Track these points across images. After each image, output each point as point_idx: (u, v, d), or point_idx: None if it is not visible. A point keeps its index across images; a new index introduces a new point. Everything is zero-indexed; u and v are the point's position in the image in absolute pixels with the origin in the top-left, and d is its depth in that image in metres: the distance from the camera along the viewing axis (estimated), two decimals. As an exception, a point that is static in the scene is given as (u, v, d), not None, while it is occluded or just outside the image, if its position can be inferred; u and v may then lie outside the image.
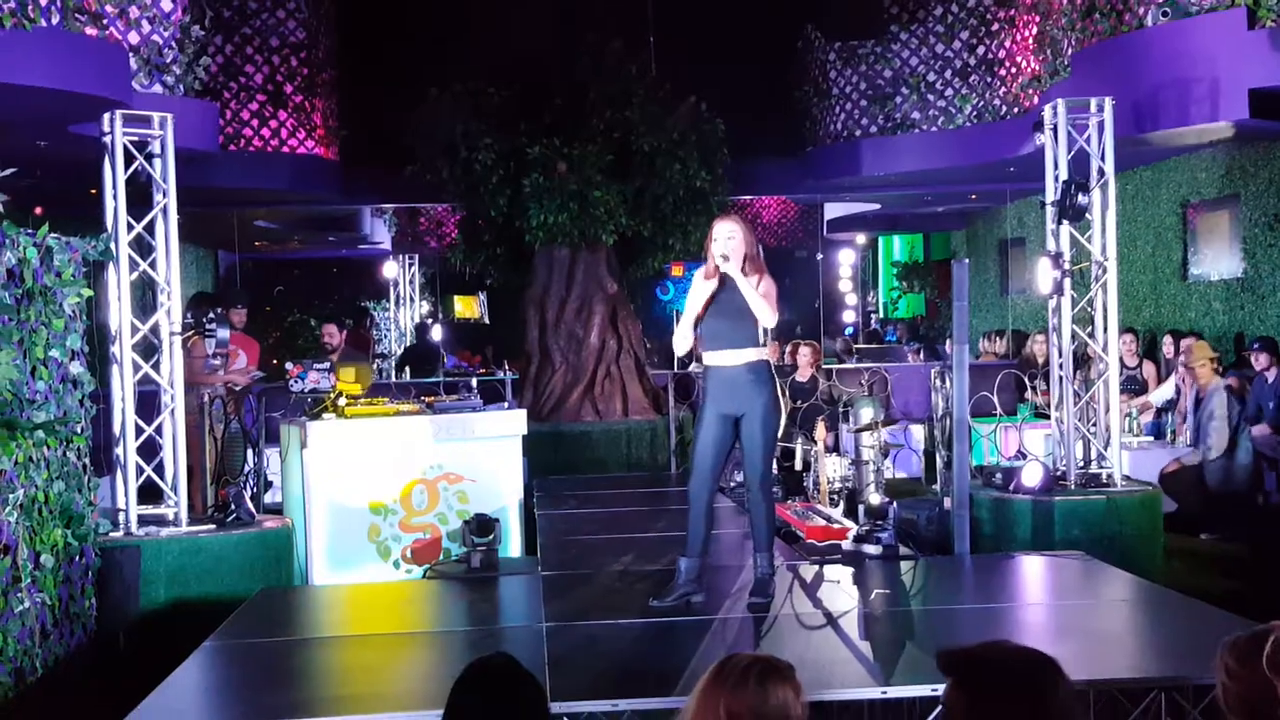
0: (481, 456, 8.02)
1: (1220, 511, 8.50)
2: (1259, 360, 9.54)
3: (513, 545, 7.96)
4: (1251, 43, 9.05)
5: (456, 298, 21.25)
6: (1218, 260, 12.24)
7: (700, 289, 5.64)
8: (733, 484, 9.51)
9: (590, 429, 12.24)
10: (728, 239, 5.55)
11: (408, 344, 19.77)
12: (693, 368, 14.29)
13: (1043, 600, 6.16)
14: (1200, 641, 4.60)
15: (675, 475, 11.17)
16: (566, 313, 12.68)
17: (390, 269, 21.01)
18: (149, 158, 7.15)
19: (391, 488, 7.78)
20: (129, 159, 7.05)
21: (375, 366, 16.04)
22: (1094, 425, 8.18)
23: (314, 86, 13.61)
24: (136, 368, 7.03)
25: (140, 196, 7.15)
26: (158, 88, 10.50)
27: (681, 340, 5.72)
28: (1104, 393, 8.13)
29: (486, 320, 21.04)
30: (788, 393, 11.43)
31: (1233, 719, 2.58)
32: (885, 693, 4.32)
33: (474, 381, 9.38)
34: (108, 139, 7.03)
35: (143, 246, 7.18)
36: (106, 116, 7.08)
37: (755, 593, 5.63)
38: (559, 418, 12.35)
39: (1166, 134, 10.07)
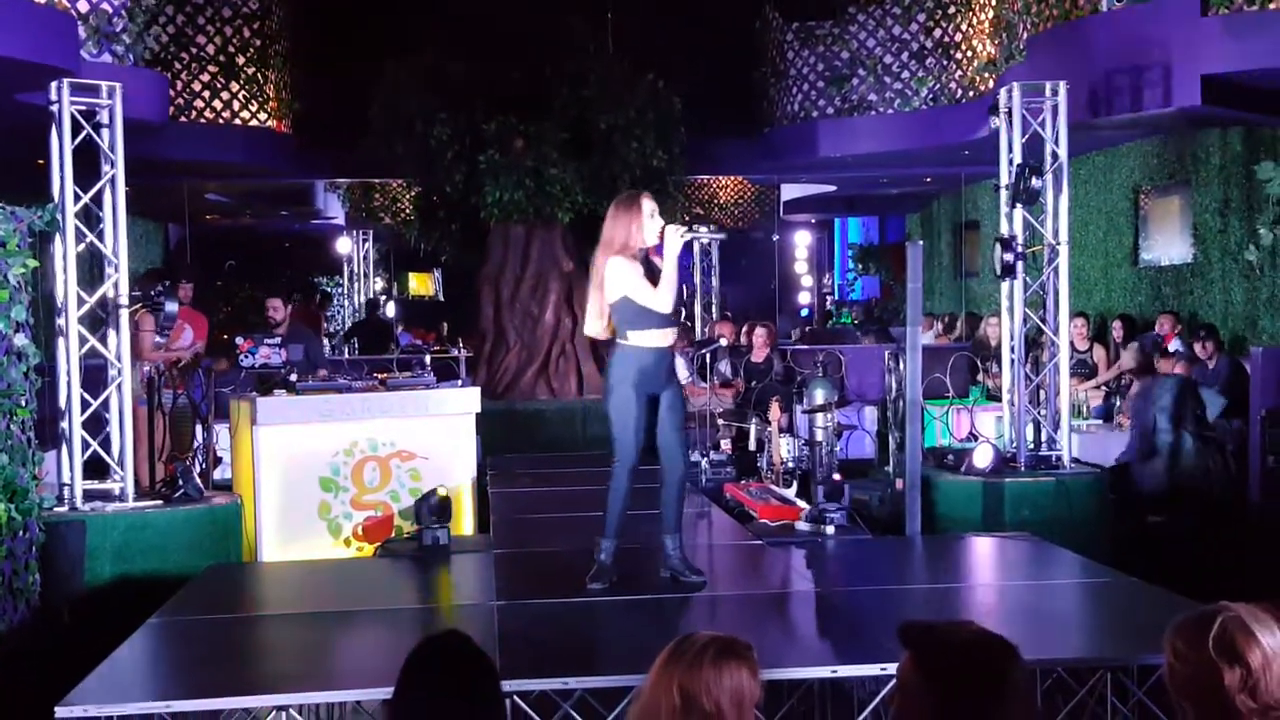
0: (435, 434, 7.98)
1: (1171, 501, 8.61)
2: (1204, 349, 9.65)
3: (465, 523, 7.93)
4: (1205, 29, 9.12)
5: (411, 274, 21.13)
6: (1168, 246, 12.37)
7: (669, 251, 5.39)
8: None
9: (545, 407, 12.22)
10: (651, 215, 5.43)
11: (357, 319, 19.61)
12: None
13: (992, 581, 6.21)
14: (1146, 623, 4.65)
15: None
16: (522, 291, 12.64)
17: (344, 244, 20.81)
18: (97, 128, 7.02)
19: (343, 464, 7.73)
20: (76, 129, 6.92)
21: (326, 344, 15.93)
22: (1044, 408, 8.25)
23: (267, 58, 13.43)
24: (83, 341, 6.92)
25: (88, 167, 7.03)
26: (107, 57, 10.35)
27: (670, 302, 5.44)
28: (1054, 376, 8.20)
29: (441, 297, 20.93)
30: (742, 373, 11.46)
31: (1179, 700, 2.60)
32: (835, 672, 4.33)
33: (428, 358, 9.32)
34: (55, 108, 6.90)
35: (90, 218, 7.07)
36: (54, 85, 6.95)
37: (689, 573, 5.55)
38: (513, 396, 12.32)
39: (1119, 119, 10.14)
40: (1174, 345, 10.29)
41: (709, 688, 2.42)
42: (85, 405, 6.90)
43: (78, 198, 6.93)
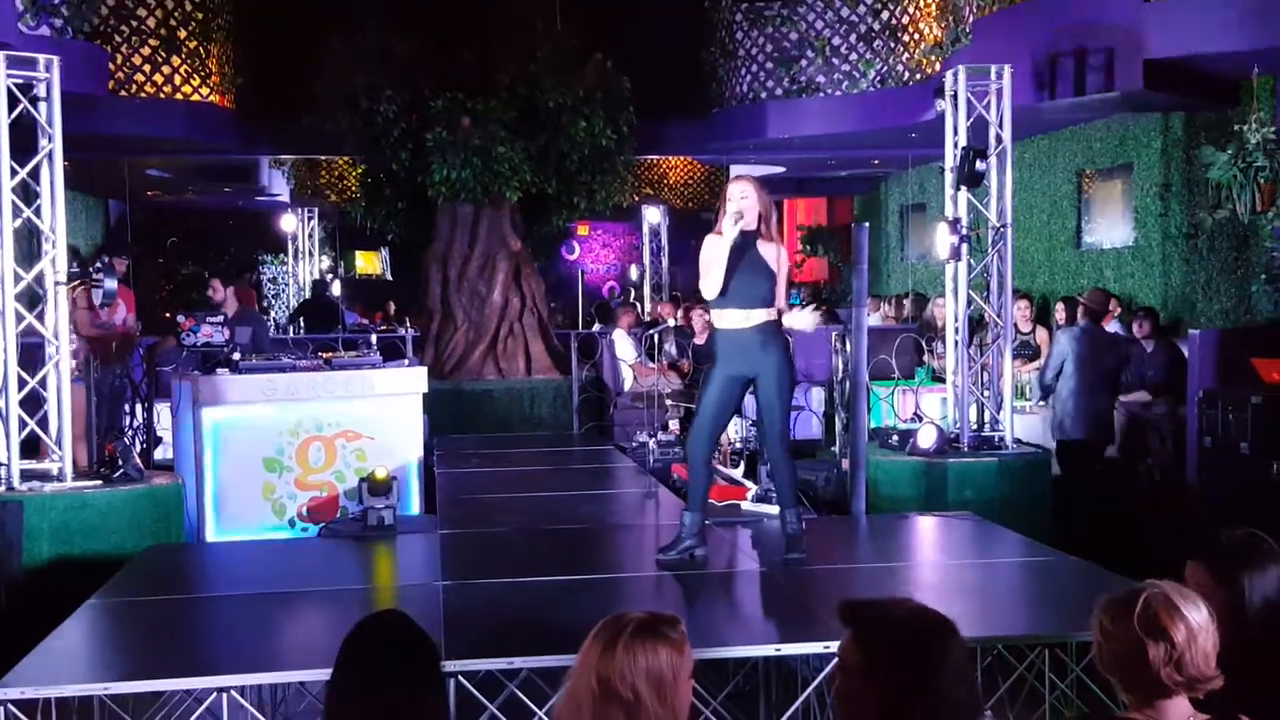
0: (381, 414, 7.93)
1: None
2: (1141, 328, 9.77)
3: (412, 504, 7.90)
4: (1147, 14, 9.22)
5: (358, 253, 20.95)
6: (1110, 229, 12.51)
7: (718, 245, 5.46)
8: (634, 444, 9.54)
9: (492, 387, 12.18)
10: (741, 198, 5.48)
11: (304, 298, 19.42)
12: (596, 328, 14.28)
13: (934, 559, 6.27)
14: (1084, 600, 4.69)
15: (578, 435, 11.18)
16: (469, 270, 12.58)
17: (289, 222, 20.56)
18: (34, 101, 6.90)
19: (287, 444, 7.66)
20: (13, 102, 6.80)
21: (271, 320, 15.77)
22: (988, 389, 8.34)
23: (209, 31, 13.23)
24: (20, 318, 6.81)
25: (25, 141, 6.91)
26: (45, 29, 10.17)
27: (713, 288, 5.51)
28: (997, 358, 8.28)
29: (389, 276, 20.78)
30: (689, 355, 11.48)
31: (1108, 676, 2.66)
32: (779, 650, 4.36)
33: (374, 338, 9.26)
34: (-10, 80, 6.78)
35: (28, 193, 6.95)
36: (-11, 57, 6.82)
37: (790, 549, 5.57)
38: (461, 376, 12.27)
39: (1063, 102, 10.23)
40: (1112, 326, 10.42)
41: (623, 674, 2.42)
42: (22, 384, 6.80)
43: (14, 172, 6.81)
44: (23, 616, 5.72)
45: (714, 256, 5.50)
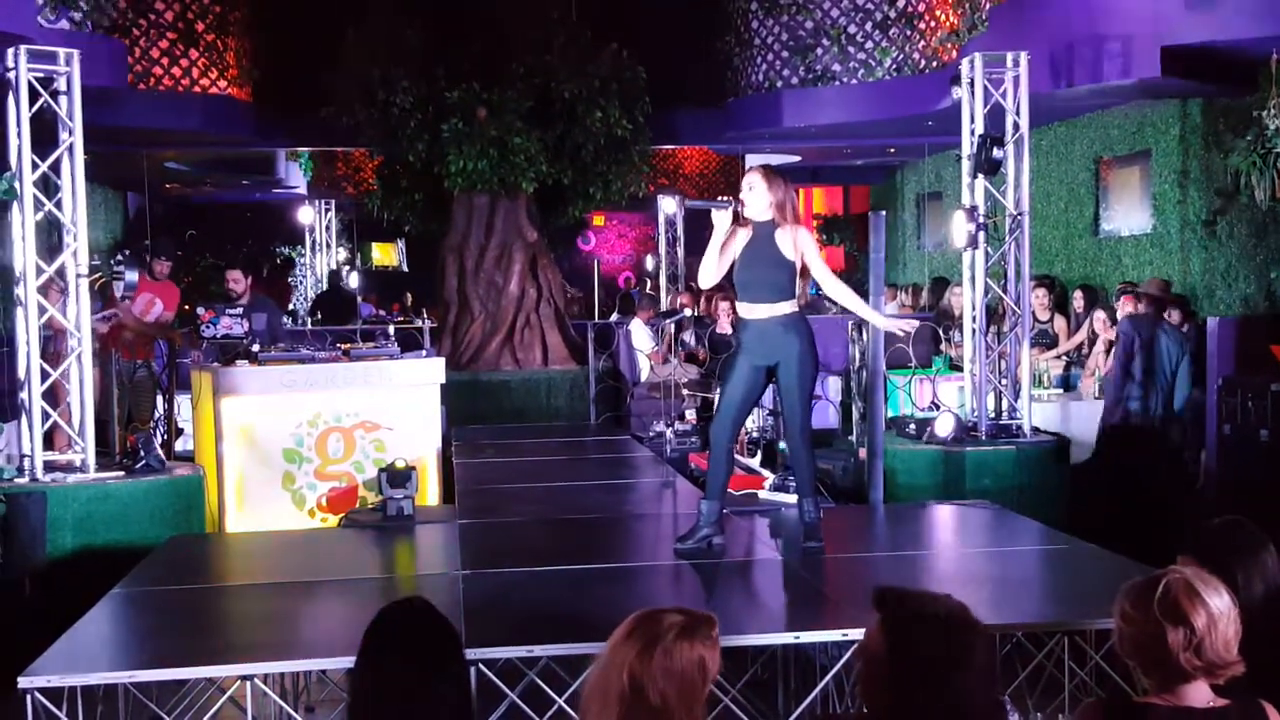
0: (399, 405, 7.97)
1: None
2: (1124, 307, 9.67)
3: (430, 494, 7.93)
4: (1165, 0, 9.18)
5: (375, 244, 20.98)
6: (1128, 216, 12.46)
7: (719, 229, 5.46)
8: (651, 434, 9.55)
9: (509, 378, 12.21)
10: (747, 189, 5.49)
11: (320, 290, 19.48)
12: (613, 318, 14.29)
13: (953, 547, 6.27)
14: (1102, 587, 4.71)
15: (595, 425, 11.20)
16: (486, 261, 12.61)
17: (306, 214, 20.62)
18: (55, 95, 6.95)
19: (306, 435, 7.70)
20: (34, 96, 6.85)
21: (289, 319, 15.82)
22: (1005, 378, 8.33)
23: (226, 25, 13.28)
24: (41, 310, 6.86)
25: (46, 135, 6.96)
26: (64, 23, 10.23)
27: (705, 277, 5.57)
28: (1015, 346, 8.27)
29: (405, 268, 20.81)
30: (707, 344, 11.49)
31: (1128, 661, 2.67)
32: (798, 638, 4.37)
33: (392, 329, 9.30)
34: (11, 75, 6.82)
35: (49, 186, 7.00)
36: (10, 52, 6.86)
37: (808, 538, 5.56)
38: (478, 366, 12.31)
39: (1080, 89, 10.19)
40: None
41: (656, 679, 2.39)
42: (45, 376, 6.85)
43: (35, 166, 6.86)
44: (47, 606, 5.77)
45: (709, 249, 5.52)
